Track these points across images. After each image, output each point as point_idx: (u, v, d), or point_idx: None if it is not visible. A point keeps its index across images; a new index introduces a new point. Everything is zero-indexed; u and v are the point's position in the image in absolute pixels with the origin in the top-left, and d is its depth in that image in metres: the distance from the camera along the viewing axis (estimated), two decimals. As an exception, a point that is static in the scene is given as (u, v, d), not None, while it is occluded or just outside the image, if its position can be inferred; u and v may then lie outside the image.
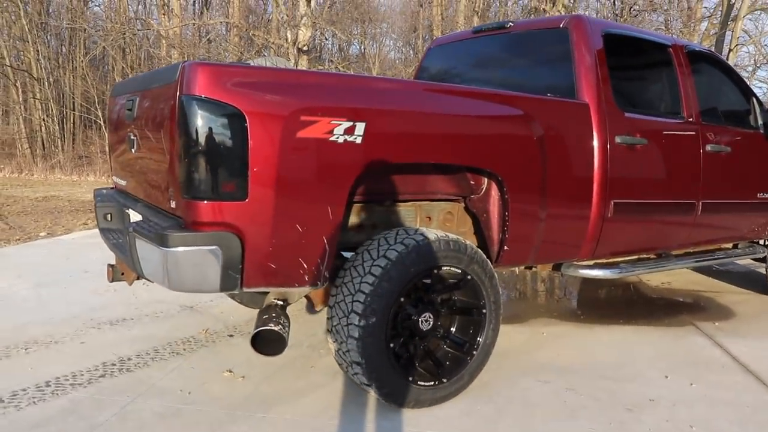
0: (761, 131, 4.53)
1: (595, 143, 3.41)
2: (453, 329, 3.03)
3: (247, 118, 2.35)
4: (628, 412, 2.89)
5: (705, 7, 23.17)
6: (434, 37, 18.35)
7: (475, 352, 3.00)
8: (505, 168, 3.07)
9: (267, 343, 2.65)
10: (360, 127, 2.56)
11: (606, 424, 2.77)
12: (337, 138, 2.51)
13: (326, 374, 3.28)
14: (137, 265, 2.67)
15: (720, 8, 22.06)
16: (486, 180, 3.20)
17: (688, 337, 4.02)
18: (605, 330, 4.14)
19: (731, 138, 4.29)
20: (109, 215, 3.41)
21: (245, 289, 2.51)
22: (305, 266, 2.57)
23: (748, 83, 4.60)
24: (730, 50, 20.93)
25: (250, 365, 3.37)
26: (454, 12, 20.91)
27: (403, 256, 2.69)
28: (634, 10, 21.53)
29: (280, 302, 2.85)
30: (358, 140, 2.56)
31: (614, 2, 21.57)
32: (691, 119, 4.04)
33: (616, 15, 21.37)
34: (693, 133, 4.02)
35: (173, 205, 2.55)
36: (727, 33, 21.01)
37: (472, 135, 3.01)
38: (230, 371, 3.29)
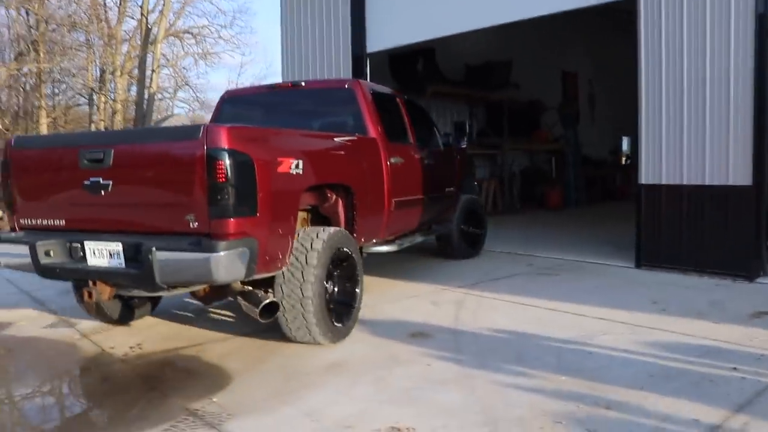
0: (441, 148, 7.12)
1: (383, 163, 5.37)
2: (346, 287, 4.56)
3: (254, 161, 3.61)
4: None
5: (125, 30, 24.07)
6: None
7: (357, 300, 4.63)
8: (355, 182, 4.87)
9: (267, 312, 3.87)
10: (300, 163, 4.08)
11: None
12: (293, 170, 4.01)
13: None
14: (157, 275, 3.51)
15: (139, 32, 23.06)
16: (335, 193, 4.79)
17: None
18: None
19: (432, 153, 6.64)
20: (50, 252, 3.98)
21: (253, 277, 3.68)
22: (281, 255, 3.92)
23: (429, 116, 7.12)
24: (153, 71, 22.49)
25: None
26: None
27: (326, 241, 4.18)
28: (52, 25, 21.61)
29: (247, 287, 3.98)
30: (301, 171, 4.08)
31: (27, 18, 21.51)
32: (414, 143, 6.28)
33: (30, 27, 21.07)
34: (417, 152, 6.26)
35: (194, 225, 3.54)
36: (148, 55, 22.58)
37: (345, 162, 4.81)
38: None
